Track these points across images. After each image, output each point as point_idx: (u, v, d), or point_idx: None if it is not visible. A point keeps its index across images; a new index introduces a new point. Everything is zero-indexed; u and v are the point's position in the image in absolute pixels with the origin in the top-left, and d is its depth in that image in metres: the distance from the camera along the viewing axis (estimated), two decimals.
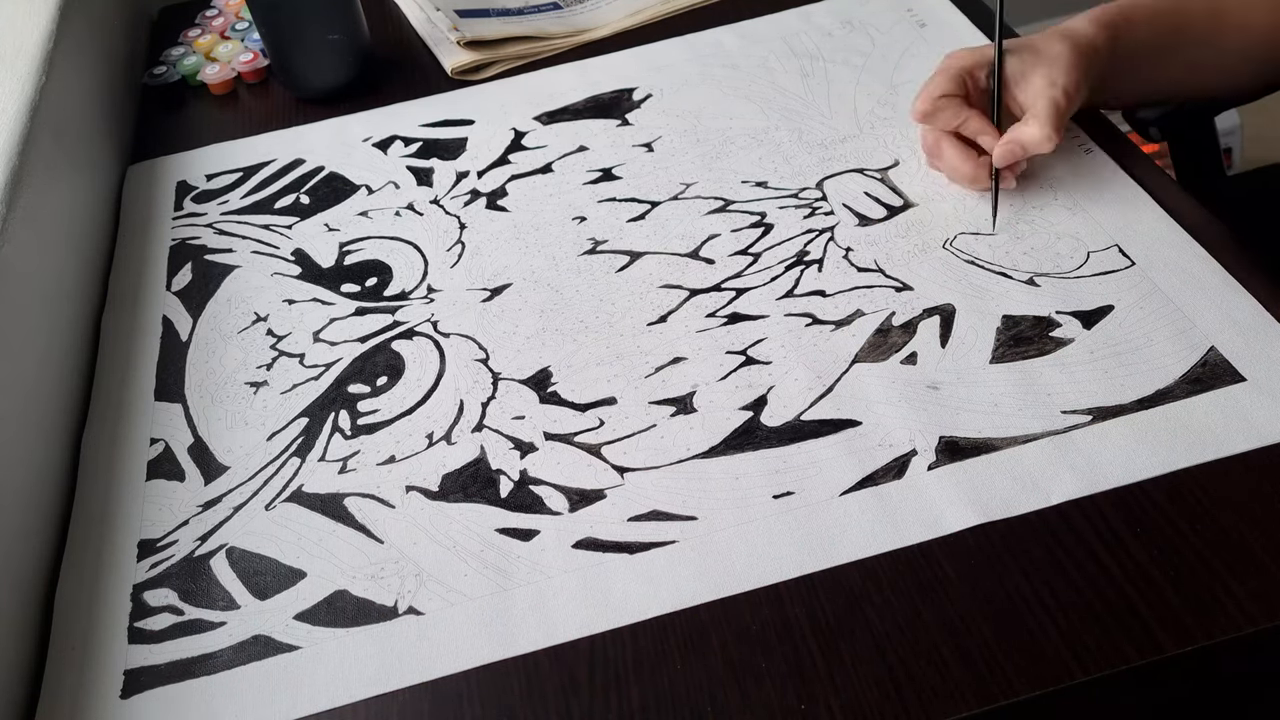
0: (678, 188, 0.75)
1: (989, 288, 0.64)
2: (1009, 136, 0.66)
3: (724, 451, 0.58)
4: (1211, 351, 0.59)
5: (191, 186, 0.83)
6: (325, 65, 0.89)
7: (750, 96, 0.83)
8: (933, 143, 0.70)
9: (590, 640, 0.51)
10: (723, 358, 0.63)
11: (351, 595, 0.55)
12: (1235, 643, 0.48)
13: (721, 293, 0.67)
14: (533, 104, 0.86)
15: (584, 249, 0.72)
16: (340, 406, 0.64)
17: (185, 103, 0.94)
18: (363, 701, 0.51)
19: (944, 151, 0.69)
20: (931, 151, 0.70)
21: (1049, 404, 0.57)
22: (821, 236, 0.70)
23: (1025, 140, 0.65)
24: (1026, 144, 0.66)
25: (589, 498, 0.57)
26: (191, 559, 0.58)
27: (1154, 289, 0.62)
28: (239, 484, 0.61)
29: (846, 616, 0.51)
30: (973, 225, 0.69)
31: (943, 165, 0.70)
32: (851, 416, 0.59)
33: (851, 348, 0.62)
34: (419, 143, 0.84)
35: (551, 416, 0.61)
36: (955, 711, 0.47)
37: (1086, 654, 0.48)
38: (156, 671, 0.53)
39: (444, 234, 0.75)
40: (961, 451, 0.56)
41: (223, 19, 1.02)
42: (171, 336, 0.71)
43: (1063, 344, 0.60)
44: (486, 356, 0.66)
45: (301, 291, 0.73)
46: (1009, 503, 0.53)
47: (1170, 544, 0.51)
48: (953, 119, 0.68)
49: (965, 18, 0.87)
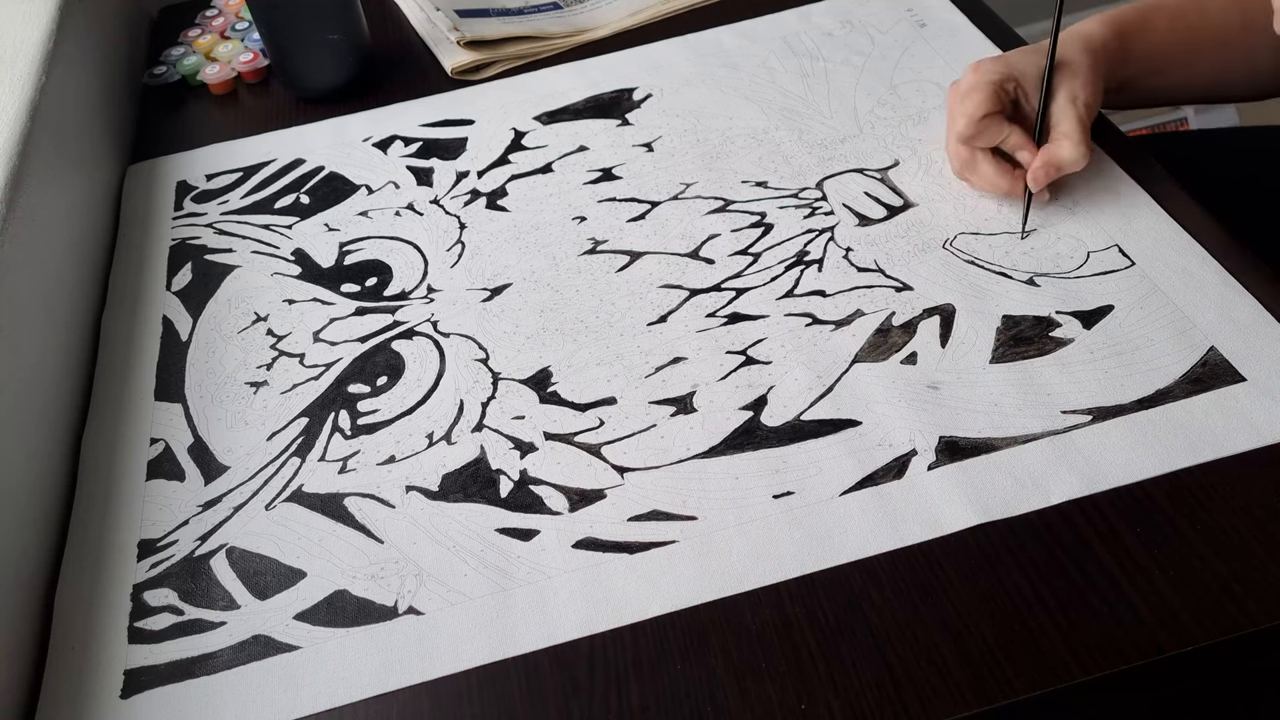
0: (678, 187, 0.75)
1: (989, 288, 0.64)
2: (1043, 159, 0.66)
3: (724, 451, 0.58)
4: (1211, 351, 0.59)
5: (191, 186, 0.83)
6: (325, 65, 0.89)
7: (750, 96, 0.83)
8: (967, 158, 0.69)
9: (590, 640, 0.51)
10: (723, 358, 0.63)
11: (351, 595, 0.55)
12: (1235, 643, 0.48)
13: (721, 292, 0.67)
14: (533, 104, 0.86)
15: (584, 249, 0.72)
16: (340, 406, 0.64)
17: (185, 103, 0.94)
18: (362, 701, 0.51)
19: (980, 168, 0.68)
20: (965, 167, 0.69)
21: (1049, 404, 0.57)
22: (821, 236, 0.70)
23: (1061, 161, 0.65)
24: (1063, 165, 0.66)
25: (589, 498, 0.57)
26: (191, 559, 0.58)
27: (1154, 289, 0.62)
28: (239, 484, 0.61)
29: (846, 616, 0.51)
30: (973, 225, 0.69)
31: (976, 179, 0.69)
32: (851, 416, 0.59)
33: (851, 348, 0.62)
34: (419, 143, 0.84)
35: (551, 416, 0.61)
36: (955, 711, 0.47)
37: (1086, 654, 0.48)
38: (156, 671, 0.53)
39: (444, 234, 0.75)
40: (961, 451, 0.56)
41: (223, 19, 1.02)
42: (171, 336, 0.71)
43: (1063, 344, 0.60)
44: (486, 356, 0.66)
45: (301, 291, 0.73)
46: (1009, 503, 0.54)
47: (1170, 544, 0.51)
48: (995, 137, 0.67)
49: (965, 17, 0.87)
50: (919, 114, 0.78)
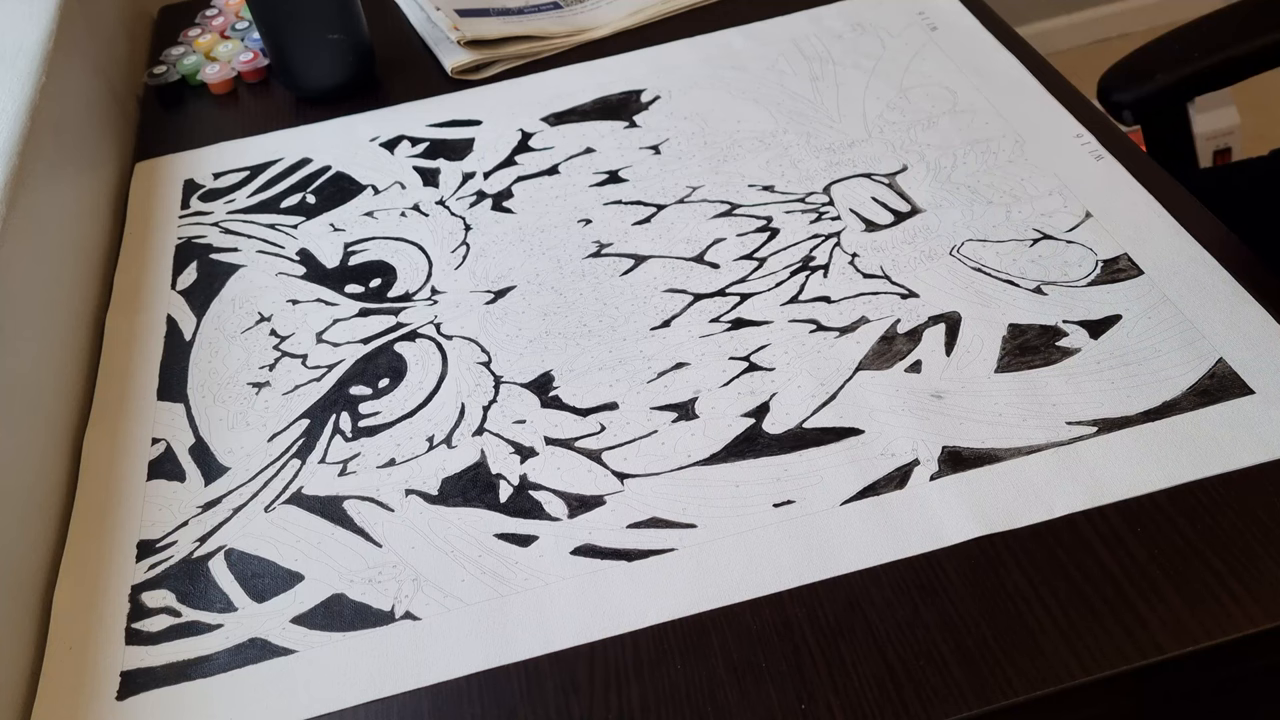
0: (684, 191, 0.75)
1: (995, 296, 0.64)
2: None
3: (725, 458, 0.58)
4: (1220, 363, 0.58)
5: (199, 185, 0.83)
6: (324, 64, 0.88)
7: (759, 99, 0.82)
8: None
9: (590, 640, 0.51)
10: (725, 363, 0.63)
11: (349, 599, 0.54)
12: (1235, 643, 0.48)
13: (726, 298, 0.67)
14: (540, 105, 0.86)
15: (589, 252, 0.71)
16: (341, 408, 0.64)
17: (185, 102, 0.94)
18: (360, 705, 0.51)
19: None
20: None
21: (1054, 415, 0.57)
22: (827, 242, 0.69)
23: None
24: None
25: (588, 504, 0.57)
26: (190, 560, 0.57)
27: (1163, 299, 0.62)
28: (239, 485, 0.61)
29: (846, 616, 0.51)
30: (980, 232, 0.68)
31: None
32: (854, 425, 0.58)
33: (855, 355, 0.62)
34: (426, 143, 0.84)
35: (553, 421, 0.61)
36: (955, 711, 0.47)
37: (1086, 654, 0.48)
38: (153, 673, 0.53)
39: (449, 235, 0.75)
40: (964, 462, 0.55)
41: (223, 19, 1.02)
42: (175, 336, 0.71)
43: (1069, 354, 0.60)
44: (489, 360, 0.65)
45: (306, 292, 0.72)
46: (1011, 515, 0.53)
47: (1171, 544, 0.51)
48: None
49: (977, 20, 0.86)
50: (928, 119, 0.77)
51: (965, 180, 0.72)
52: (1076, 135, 0.73)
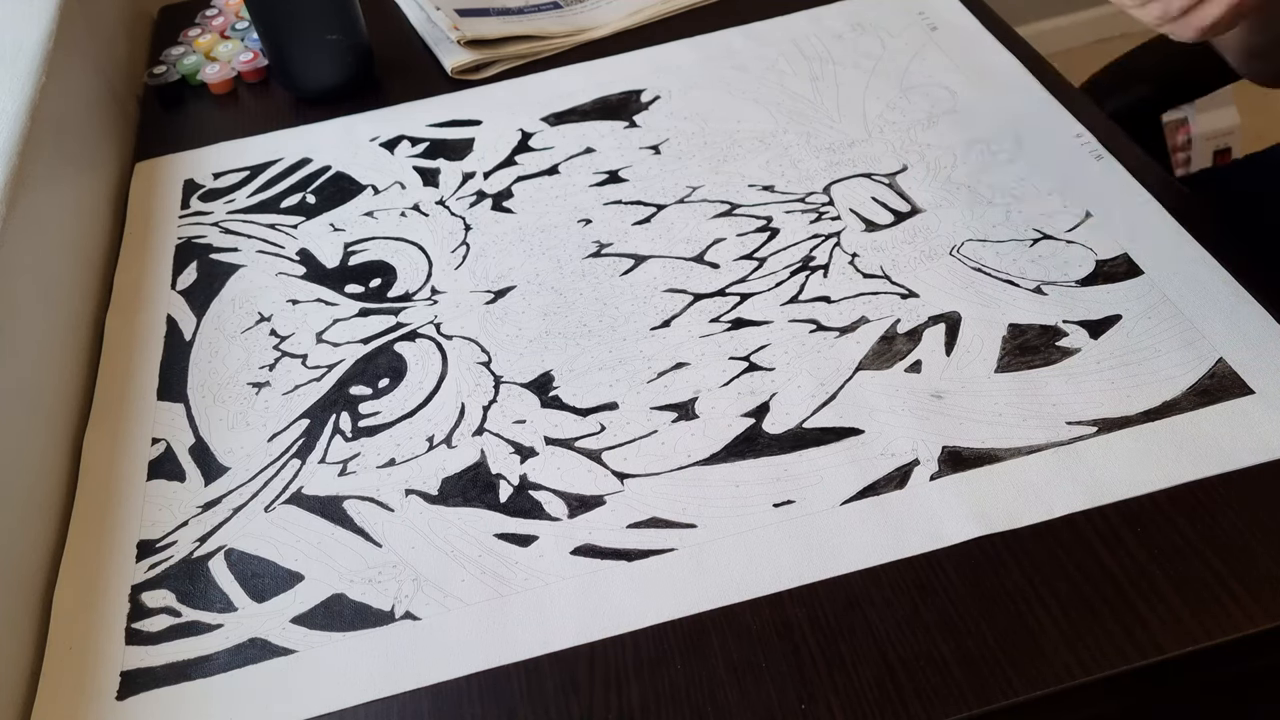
0: (684, 191, 0.75)
1: (995, 296, 0.64)
2: None
3: (725, 458, 0.58)
4: (1220, 363, 0.58)
5: (199, 184, 0.83)
6: (324, 65, 0.88)
7: (759, 99, 0.82)
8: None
9: (589, 642, 0.51)
10: (725, 363, 0.63)
11: (349, 599, 0.54)
12: (1235, 643, 0.48)
13: (726, 298, 0.67)
14: (540, 105, 0.86)
15: (589, 252, 0.71)
16: (341, 408, 0.64)
17: (185, 102, 0.94)
18: (361, 705, 0.51)
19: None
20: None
21: (1054, 415, 0.57)
22: (827, 242, 0.69)
23: None
24: None
25: (588, 504, 0.57)
26: (190, 560, 0.57)
27: (1163, 299, 0.62)
28: (239, 485, 0.61)
29: (846, 616, 0.51)
30: (980, 232, 0.68)
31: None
32: (854, 425, 0.58)
33: (855, 355, 0.62)
34: (426, 143, 0.84)
35: (553, 421, 0.61)
36: (955, 712, 0.47)
37: (1086, 654, 0.48)
38: (153, 673, 0.53)
39: (449, 235, 0.75)
40: (964, 462, 0.55)
41: (223, 18, 1.02)
42: (175, 336, 0.71)
43: (1069, 354, 0.60)
44: (489, 359, 0.65)
45: (306, 292, 0.72)
46: (1011, 515, 0.53)
47: (1171, 544, 0.51)
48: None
49: (977, 21, 0.86)
50: (928, 118, 0.77)
51: (965, 180, 0.72)
52: (1076, 135, 0.73)
